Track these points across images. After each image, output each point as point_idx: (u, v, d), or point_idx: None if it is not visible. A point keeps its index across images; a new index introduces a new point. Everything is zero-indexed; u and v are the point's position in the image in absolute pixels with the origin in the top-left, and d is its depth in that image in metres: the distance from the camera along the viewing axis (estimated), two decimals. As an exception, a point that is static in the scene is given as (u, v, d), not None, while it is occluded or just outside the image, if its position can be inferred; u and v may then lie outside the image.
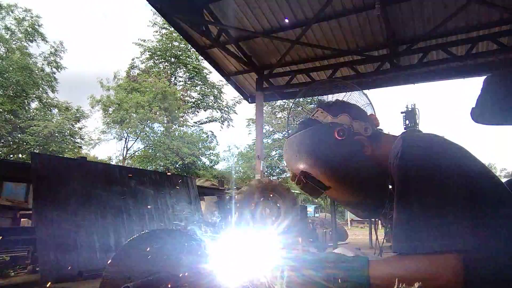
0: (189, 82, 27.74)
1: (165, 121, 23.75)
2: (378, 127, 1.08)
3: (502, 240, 0.73)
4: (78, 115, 22.04)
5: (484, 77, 1.22)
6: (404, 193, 0.81)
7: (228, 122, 28.11)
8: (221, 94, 27.69)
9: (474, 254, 0.71)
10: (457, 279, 0.70)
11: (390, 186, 1.00)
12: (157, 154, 22.32)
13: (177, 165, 22.80)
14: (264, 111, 9.26)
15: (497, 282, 0.73)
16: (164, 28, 25.51)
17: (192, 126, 27.67)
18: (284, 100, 20.33)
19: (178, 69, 27.44)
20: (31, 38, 20.93)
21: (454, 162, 0.80)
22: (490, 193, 0.78)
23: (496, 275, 0.73)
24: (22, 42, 20.68)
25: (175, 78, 27.61)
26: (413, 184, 0.79)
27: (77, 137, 22.46)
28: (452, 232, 0.72)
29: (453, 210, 0.73)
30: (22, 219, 6.47)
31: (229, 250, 0.96)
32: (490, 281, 0.73)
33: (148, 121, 21.97)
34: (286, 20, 6.49)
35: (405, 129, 9.06)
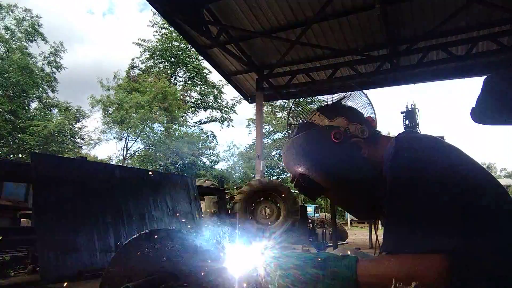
0: (189, 82, 27.75)
1: (165, 121, 23.75)
2: (376, 129, 1.08)
3: (490, 241, 0.73)
4: (78, 115, 22.05)
5: (484, 77, 1.22)
6: (394, 194, 0.82)
7: (228, 122, 28.15)
8: (221, 94, 27.73)
9: (461, 255, 0.71)
10: (442, 279, 0.70)
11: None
12: (157, 154, 22.32)
13: (177, 165, 22.80)
14: (264, 111, 9.26)
15: (484, 283, 0.73)
16: (164, 28, 25.53)
17: (192, 126, 27.71)
18: (284, 100, 20.35)
19: (178, 69, 27.47)
20: (31, 38, 20.94)
21: (446, 164, 0.81)
22: (484, 195, 0.78)
23: (483, 276, 0.73)
24: (22, 42, 20.68)
25: (175, 78, 27.63)
26: (404, 185, 0.80)
27: (77, 137, 22.48)
28: (439, 233, 0.73)
29: (441, 212, 0.74)
30: (22, 219, 6.46)
31: (229, 250, 0.97)
32: (477, 282, 0.73)
33: (148, 121, 21.97)
34: (282, 22, 6.51)
35: (405, 129, 9.06)
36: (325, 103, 1.19)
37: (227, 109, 28.12)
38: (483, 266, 0.73)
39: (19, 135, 19.47)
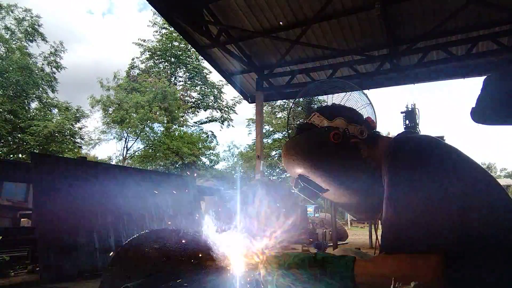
0: (189, 82, 27.75)
1: (165, 121, 23.75)
2: (375, 130, 1.08)
3: (488, 241, 0.73)
4: (78, 115, 22.02)
5: (484, 77, 1.22)
6: (392, 194, 0.82)
7: (228, 122, 28.15)
8: (221, 94, 27.73)
9: (459, 255, 0.72)
10: (437, 279, 0.71)
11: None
12: (157, 154, 22.32)
13: (177, 165, 22.80)
14: (264, 111, 9.26)
15: (481, 283, 0.73)
16: (164, 28, 25.53)
17: (192, 126, 27.72)
18: (284, 100, 20.36)
19: (178, 69, 27.47)
20: (31, 38, 20.92)
21: (445, 165, 0.81)
22: (483, 195, 0.78)
23: (480, 276, 0.73)
24: (22, 42, 20.66)
25: (175, 78, 27.64)
26: (402, 185, 0.81)
27: (77, 137, 22.43)
28: (437, 233, 0.73)
29: (439, 212, 0.74)
30: (22, 219, 6.47)
31: (229, 250, 0.97)
32: (474, 282, 0.73)
33: (148, 121, 21.96)
34: (281, 23, 6.50)
35: (405, 129, 9.07)
36: (325, 104, 1.19)
37: (227, 109, 28.12)
38: (480, 266, 0.73)
39: (19, 135, 19.45)
